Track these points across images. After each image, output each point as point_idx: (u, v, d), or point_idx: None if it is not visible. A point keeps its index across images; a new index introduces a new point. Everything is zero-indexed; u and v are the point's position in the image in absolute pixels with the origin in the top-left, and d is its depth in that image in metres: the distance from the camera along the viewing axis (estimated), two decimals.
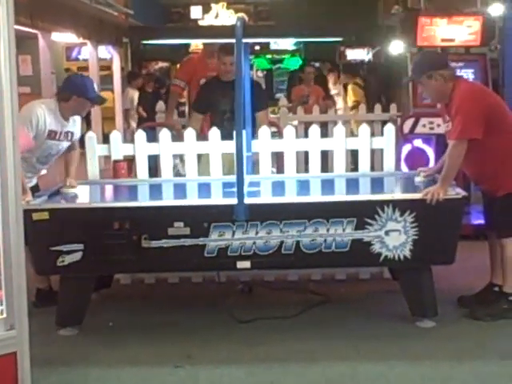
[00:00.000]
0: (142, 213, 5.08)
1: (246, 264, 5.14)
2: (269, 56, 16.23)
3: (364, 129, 6.15)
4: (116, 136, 6.18)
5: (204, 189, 5.94)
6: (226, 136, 6.05)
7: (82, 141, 6.09)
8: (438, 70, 5.26)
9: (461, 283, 5.99)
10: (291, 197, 5.61)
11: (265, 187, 5.86)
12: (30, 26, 9.67)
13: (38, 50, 10.54)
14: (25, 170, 5.27)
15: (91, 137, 6.16)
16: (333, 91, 12.55)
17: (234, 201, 4.99)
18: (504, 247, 5.38)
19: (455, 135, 5.15)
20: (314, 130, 6.17)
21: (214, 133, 6.13)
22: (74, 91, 5.53)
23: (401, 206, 5.03)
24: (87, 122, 13.93)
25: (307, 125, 7.94)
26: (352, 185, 5.96)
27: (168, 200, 5.60)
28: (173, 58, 14.24)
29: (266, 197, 5.54)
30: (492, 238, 5.57)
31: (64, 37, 12.91)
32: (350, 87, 11.60)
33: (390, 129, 6.14)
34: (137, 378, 4.63)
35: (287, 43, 16.13)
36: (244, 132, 5.95)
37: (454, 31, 8.49)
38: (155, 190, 5.95)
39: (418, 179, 5.73)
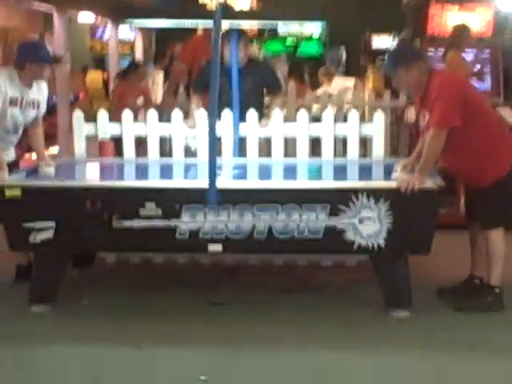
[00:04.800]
0: (113, 192, 5.06)
1: (218, 247, 5.09)
2: (290, 39, 15.96)
3: (353, 115, 6.06)
4: (103, 115, 6.16)
5: (188, 170, 5.91)
6: None
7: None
8: (417, 62, 5.16)
9: (441, 273, 5.89)
10: (263, 181, 5.52)
11: (248, 170, 5.82)
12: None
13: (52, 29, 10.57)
14: None
15: (78, 116, 6.15)
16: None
17: (205, 184, 4.94)
18: (489, 239, 5.27)
19: (434, 124, 5.04)
20: (303, 115, 6.09)
21: (201, 115, 6.09)
22: (27, 58, 5.49)
23: (375, 194, 4.94)
24: None
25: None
26: (336, 171, 5.87)
27: (140, 180, 5.56)
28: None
29: (239, 181, 5.46)
30: (474, 229, 5.46)
31: (88, 17, 12.97)
32: (370, 72, 11.35)
33: (379, 116, 6.04)
34: (94, 356, 4.61)
35: (308, 27, 15.92)
36: (231, 114, 5.99)
37: (465, 19, 8.36)
38: (137, 171, 5.93)
39: (396, 175, 5.40)
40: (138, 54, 14.18)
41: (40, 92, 5.68)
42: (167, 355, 4.63)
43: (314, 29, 16.02)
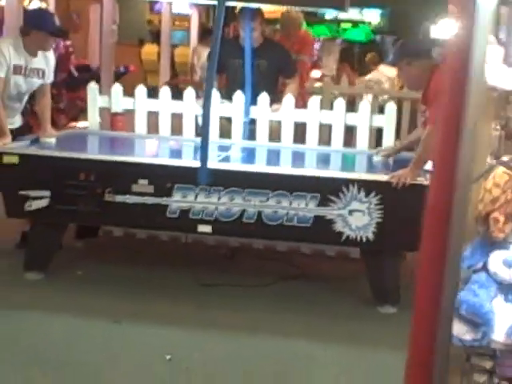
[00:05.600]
0: (107, 166, 5.10)
1: (207, 228, 5.10)
2: (347, 25, 15.69)
3: (364, 105, 5.98)
4: (117, 89, 6.20)
5: (194, 149, 5.92)
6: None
7: None
8: (418, 59, 5.04)
9: None
10: (255, 165, 5.49)
11: (249, 154, 5.81)
12: None
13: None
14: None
15: (93, 87, 6.20)
16: None
17: (197, 164, 4.94)
18: None
19: (433, 121, 4.92)
20: (314, 101, 6.04)
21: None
22: (33, 25, 5.53)
23: (366, 186, 4.88)
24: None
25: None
26: (338, 160, 5.81)
27: (134, 156, 5.57)
28: None
29: (231, 163, 5.43)
30: None
31: None
32: None
33: (391, 107, 5.94)
34: (70, 328, 4.67)
35: (366, 13, 15.71)
36: (243, 97, 5.97)
37: None
38: (141, 146, 5.96)
39: (376, 158, 5.60)
40: (194, 30, 14.18)
41: (46, 61, 5.70)
42: (141, 332, 4.66)
43: (372, 16, 15.85)
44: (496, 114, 2.53)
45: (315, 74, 10.50)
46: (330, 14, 15.12)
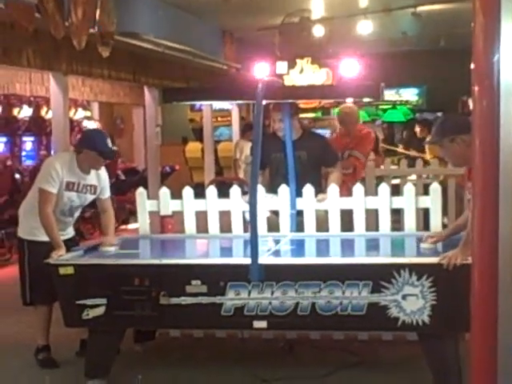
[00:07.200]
0: (160, 270, 5.18)
1: (263, 324, 5.12)
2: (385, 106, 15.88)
3: (409, 187, 6.02)
4: (165, 192, 6.34)
5: (244, 246, 5.99)
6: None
7: None
8: (461, 135, 5.02)
9: None
10: (305, 258, 5.55)
11: (298, 246, 5.86)
12: (131, 81, 10.09)
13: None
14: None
15: (141, 192, 6.36)
16: None
17: (248, 261, 5.01)
18: None
19: None
20: (359, 188, 6.11)
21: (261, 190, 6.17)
22: (85, 145, 5.74)
23: (417, 270, 4.88)
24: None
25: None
26: (388, 245, 5.84)
27: (185, 258, 5.67)
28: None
29: (281, 257, 5.49)
30: None
31: None
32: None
33: (435, 188, 5.97)
34: None
35: (404, 93, 15.91)
36: (288, 189, 6.07)
37: None
38: (192, 247, 6.05)
39: (424, 245, 5.42)
40: (235, 125, 14.47)
41: (98, 178, 5.89)
42: None
43: (409, 95, 16.06)
44: None
45: None
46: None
